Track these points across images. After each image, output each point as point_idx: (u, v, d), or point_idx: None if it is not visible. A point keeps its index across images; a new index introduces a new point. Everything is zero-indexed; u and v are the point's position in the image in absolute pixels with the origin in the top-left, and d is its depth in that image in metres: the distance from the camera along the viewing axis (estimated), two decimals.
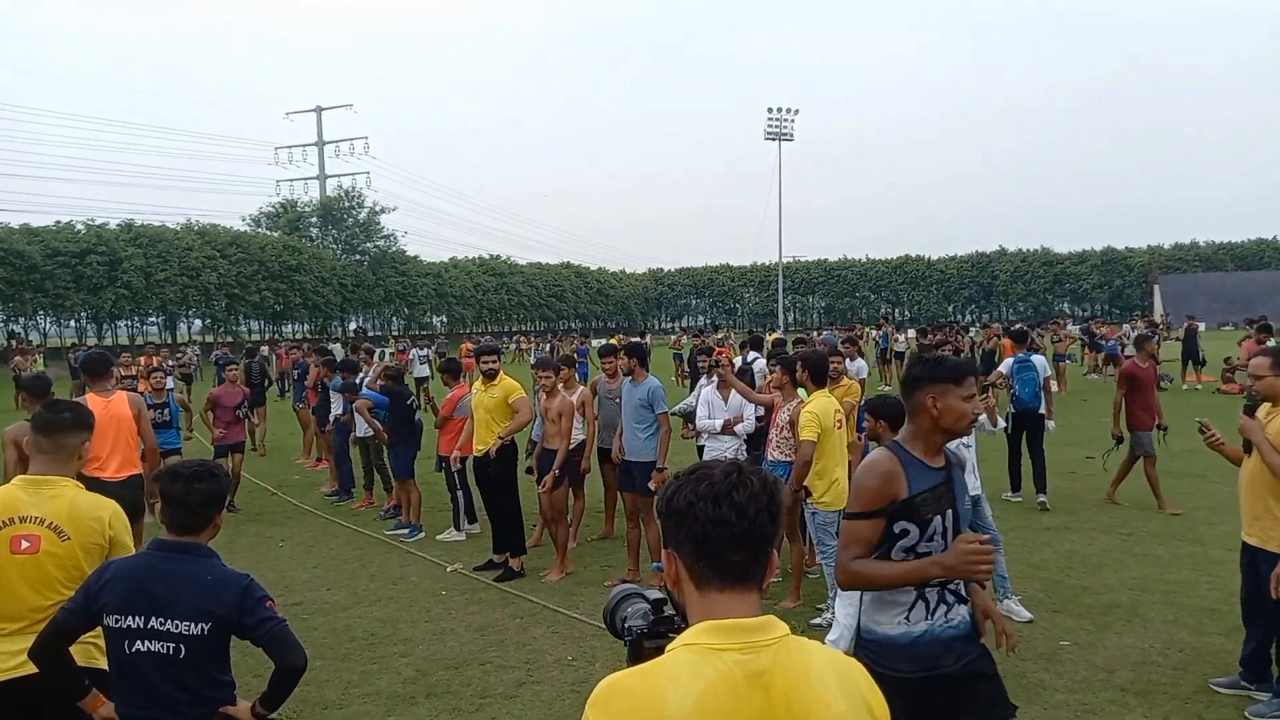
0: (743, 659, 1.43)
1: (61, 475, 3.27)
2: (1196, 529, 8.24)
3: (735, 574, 1.49)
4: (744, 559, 1.49)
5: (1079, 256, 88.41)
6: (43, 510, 3.14)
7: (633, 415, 7.20)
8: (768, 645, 1.45)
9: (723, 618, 1.47)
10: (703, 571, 1.50)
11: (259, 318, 60.43)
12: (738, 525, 1.47)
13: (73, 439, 3.32)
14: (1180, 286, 69.90)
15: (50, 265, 43.48)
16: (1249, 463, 4.88)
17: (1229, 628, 5.83)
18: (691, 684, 1.40)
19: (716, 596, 1.49)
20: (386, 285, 66.77)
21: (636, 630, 1.69)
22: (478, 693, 5.30)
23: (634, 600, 1.76)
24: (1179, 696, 4.98)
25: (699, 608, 1.50)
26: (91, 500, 3.26)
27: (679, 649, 1.46)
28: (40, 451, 3.29)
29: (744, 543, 1.48)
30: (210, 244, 52.95)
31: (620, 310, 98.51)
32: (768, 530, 1.50)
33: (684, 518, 1.50)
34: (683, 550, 1.52)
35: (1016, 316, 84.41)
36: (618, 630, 1.73)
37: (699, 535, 1.48)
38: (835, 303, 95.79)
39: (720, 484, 1.49)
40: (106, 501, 3.31)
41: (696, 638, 1.46)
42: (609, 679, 1.47)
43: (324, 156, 71.05)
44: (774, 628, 1.47)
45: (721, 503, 1.48)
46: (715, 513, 1.47)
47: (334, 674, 5.63)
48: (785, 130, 68.47)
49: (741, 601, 1.50)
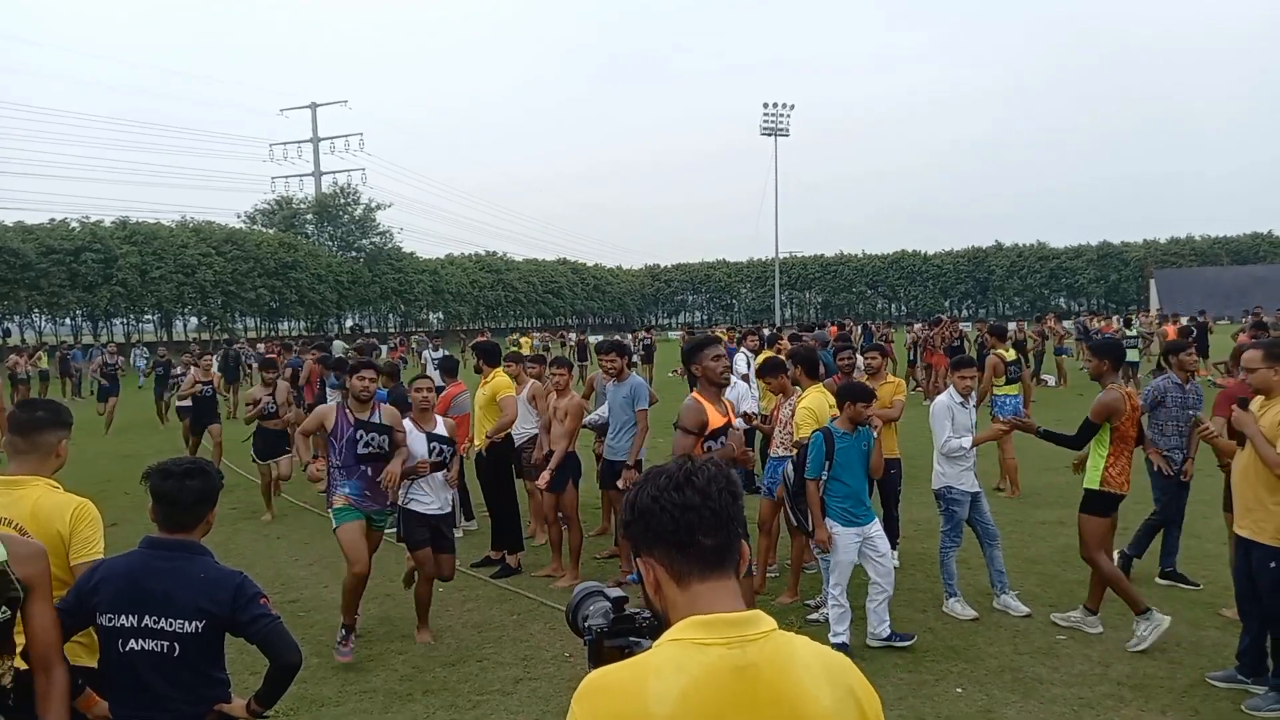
0: (729, 653, 1.41)
1: (37, 475, 3.20)
2: (1193, 524, 8.23)
3: (712, 560, 1.49)
4: (717, 542, 1.49)
5: (1075, 251, 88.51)
6: (10, 511, 3.09)
7: (618, 414, 7.15)
8: (754, 640, 1.44)
9: (707, 612, 1.46)
10: (680, 564, 1.50)
11: (255, 315, 60.32)
12: (704, 507, 1.48)
13: (49, 437, 3.27)
14: (1176, 281, 69.91)
15: (45, 263, 43.36)
16: (1242, 455, 4.89)
17: (1225, 621, 5.84)
18: (675, 679, 1.39)
19: (698, 589, 1.49)
20: (383, 282, 66.68)
21: (597, 629, 1.69)
22: (475, 689, 5.29)
23: (595, 599, 1.75)
24: (1175, 690, 4.99)
25: (683, 606, 1.49)
26: (55, 500, 3.17)
27: (664, 644, 1.45)
28: (17, 452, 3.24)
29: (713, 524, 1.49)
30: (206, 241, 52.82)
31: (617, 306, 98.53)
32: (731, 510, 1.51)
33: (650, 514, 1.51)
34: (656, 551, 1.52)
35: (1013, 311, 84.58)
36: (579, 629, 1.73)
37: (669, 526, 1.49)
38: (832, 298, 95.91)
39: (677, 473, 1.52)
40: (71, 500, 3.21)
41: (682, 633, 1.45)
42: (594, 673, 1.47)
43: (319, 153, 70.87)
44: (760, 622, 1.46)
45: (684, 489, 1.49)
46: (680, 499, 1.48)
47: (330, 671, 5.63)
48: (781, 125, 68.45)
49: (723, 592, 1.49)
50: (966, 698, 5.00)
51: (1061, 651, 5.59)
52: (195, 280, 51.29)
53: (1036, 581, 6.85)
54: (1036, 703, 4.90)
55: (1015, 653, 5.61)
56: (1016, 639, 5.83)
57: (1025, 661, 5.45)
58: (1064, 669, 5.33)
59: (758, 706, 1.40)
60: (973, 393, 6.61)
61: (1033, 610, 6.22)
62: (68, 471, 3.50)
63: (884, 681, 5.22)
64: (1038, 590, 6.66)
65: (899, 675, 5.33)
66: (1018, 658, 5.52)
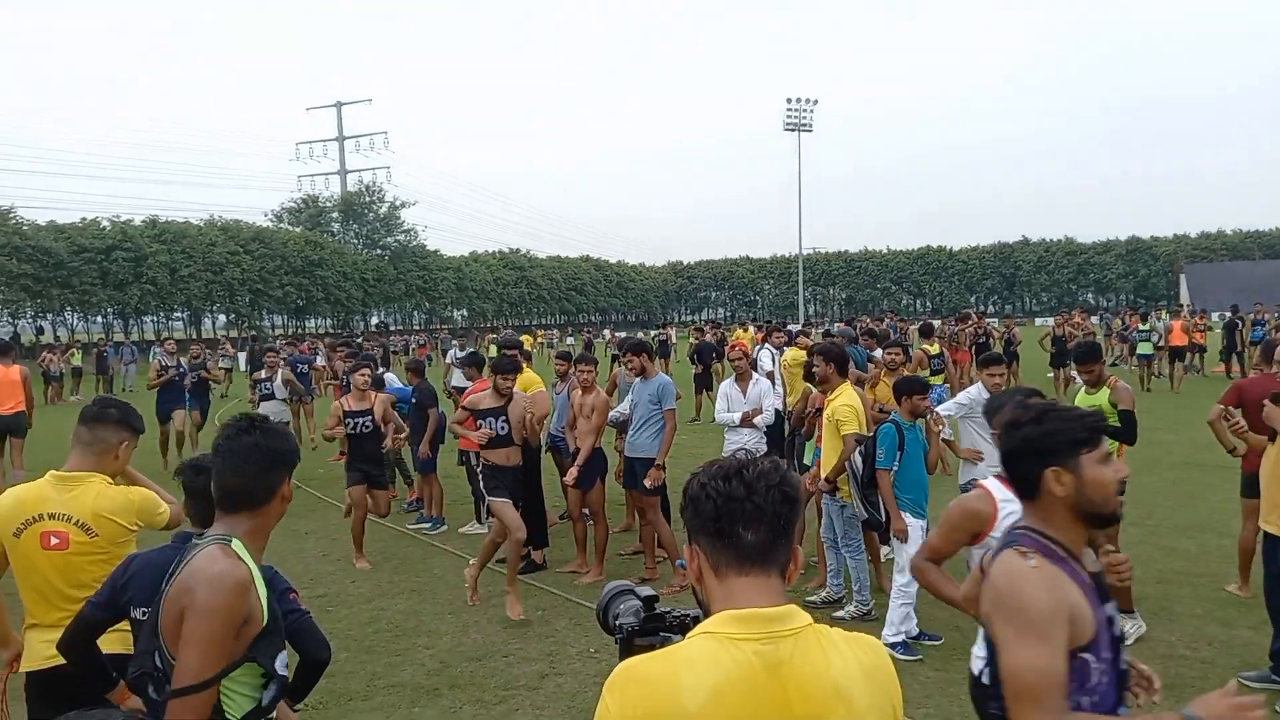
0: (763, 649, 1.40)
1: (94, 470, 3.25)
2: (1227, 521, 8.13)
3: (752, 555, 1.47)
4: (759, 539, 1.47)
5: (1103, 246, 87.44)
6: (69, 508, 3.15)
7: (643, 412, 7.15)
8: (788, 635, 1.43)
9: (743, 607, 1.45)
10: (720, 555, 1.49)
11: (282, 312, 60.92)
12: (748, 500, 1.47)
13: (112, 436, 3.30)
14: (1206, 276, 68.75)
15: (76, 262, 43.99)
16: (1272, 451, 4.83)
17: (1258, 621, 5.75)
18: (708, 673, 1.38)
19: (736, 582, 1.48)
20: (407, 280, 67.05)
21: (628, 628, 1.68)
22: (501, 684, 5.32)
23: (626, 597, 1.75)
24: (1207, 690, 4.91)
25: (720, 598, 1.49)
26: (116, 495, 3.24)
27: (698, 636, 1.45)
28: (79, 442, 3.28)
29: (756, 519, 1.47)
30: (233, 239, 53.38)
31: (640, 303, 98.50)
32: (780, 510, 1.48)
33: (697, 502, 1.51)
34: (700, 538, 1.51)
35: (1040, 307, 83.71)
36: (610, 627, 1.73)
37: (712, 514, 1.48)
38: (856, 294, 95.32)
39: (730, 465, 1.52)
40: (132, 492, 3.30)
41: (716, 626, 1.44)
42: (626, 662, 1.46)
43: (344, 151, 71.47)
44: (796, 617, 1.45)
45: (731, 479, 1.49)
46: (725, 488, 1.48)
47: (359, 665, 5.68)
48: (804, 121, 68.09)
49: (762, 589, 1.47)
50: None
51: None
52: (223, 278, 51.85)
53: None
54: None
55: None
56: None
57: None
58: None
59: (789, 705, 1.39)
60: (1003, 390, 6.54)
61: None
62: None
63: (911, 680, 5.19)
64: None
65: (926, 673, 5.31)
66: None
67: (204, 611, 2.04)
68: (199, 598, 2.05)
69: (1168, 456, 11.64)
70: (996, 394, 6.42)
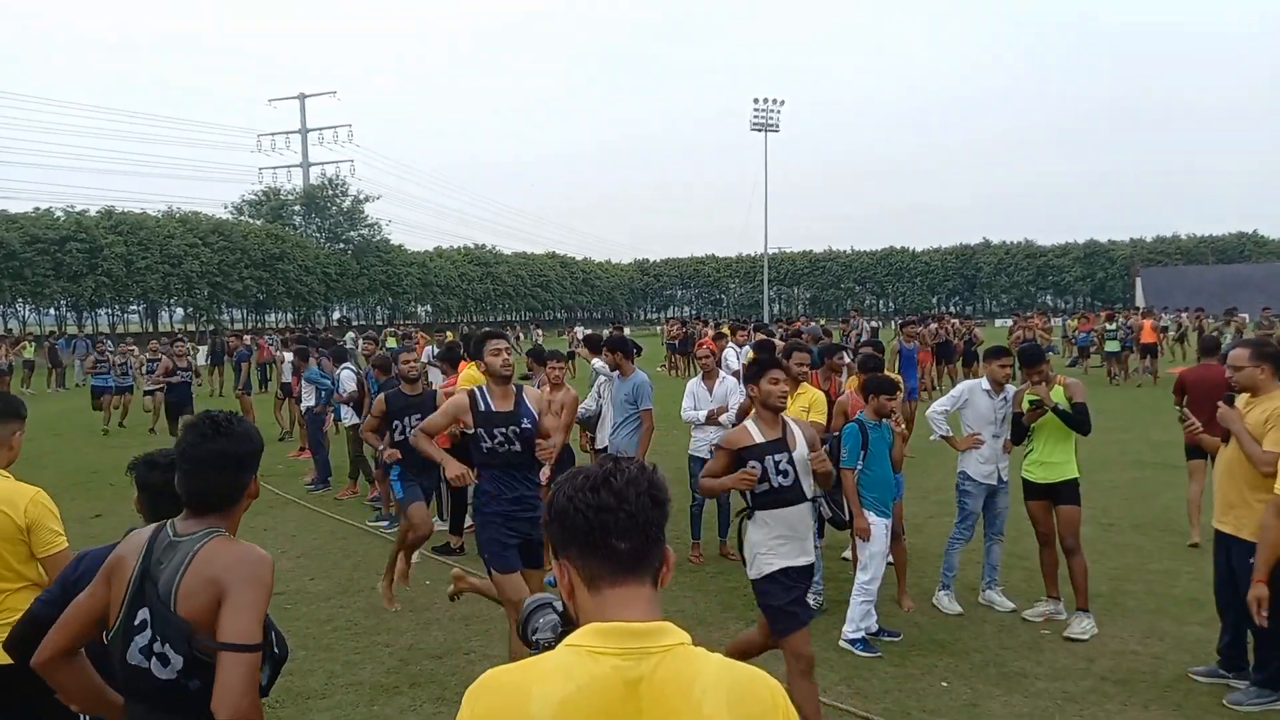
0: (622, 665, 1.36)
1: None
2: (1180, 519, 8.30)
3: (624, 564, 1.44)
4: (631, 547, 1.44)
5: (1062, 249, 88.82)
6: None
7: (620, 410, 7.15)
8: (655, 652, 1.38)
9: (614, 619, 1.41)
10: (591, 567, 1.44)
11: (241, 306, 59.95)
12: (619, 510, 1.43)
13: (2, 429, 3.27)
14: (1161, 279, 70.29)
15: (29, 253, 42.92)
16: (1226, 451, 4.93)
17: (1209, 617, 5.88)
18: (560, 685, 1.34)
19: (608, 594, 1.43)
20: (371, 274, 66.31)
21: (544, 643, 1.66)
22: (462, 682, 5.28)
23: (545, 611, 1.73)
24: (1158, 685, 5.03)
25: (592, 611, 1.44)
26: (7, 489, 3.18)
27: (561, 649, 1.41)
28: None
29: (628, 528, 1.43)
30: (192, 232, 52.39)
31: (606, 300, 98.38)
32: (651, 515, 1.45)
33: (565, 514, 1.46)
34: (570, 552, 1.47)
35: (1000, 308, 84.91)
36: (529, 641, 1.71)
37: (582, 527, 1.44)
38: (820, 294, 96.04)
39: (596, 474, 1.47)
40: (24, 489, 3.22)
41: (579, 639, 1.40)
42: (490, 671, 1.43)
43: (307, 144, 70.42)
44: (667, 635, 1.41)
45: (600, 490, 1.44)
46: (594, 500, 1.44)
47: (317, 664, 5.61)
48: (771, 121, 68.37)
49: (634, 599, 1.43)
50: (952, 691, 5.03)
51: (1046, 646, 5.62)
52: (181, 271, 50.88)
53: (1022, 576, 6.89)
54: (1021, 696, 4.93)
55: (1000, 647, 5.64)
56: (1002, 634, 5.86)
57: (1010, 656, 5.49)
58: (1047, 663, 5.36)
59: None
60: (1007, 385, 6.39)
61: (1017, 605, 6.25)
62: (58, 461, 3.48)
63: (870, 675, 5.24)
64: (1023, 585, 6.69)
65: (885, 669, 5.36)
66: (1003, 652, 5.55)
67: (256, 582, 2.19)
68: (248, 572, 2.18)
69: (1123, 456, 11.85)
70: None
